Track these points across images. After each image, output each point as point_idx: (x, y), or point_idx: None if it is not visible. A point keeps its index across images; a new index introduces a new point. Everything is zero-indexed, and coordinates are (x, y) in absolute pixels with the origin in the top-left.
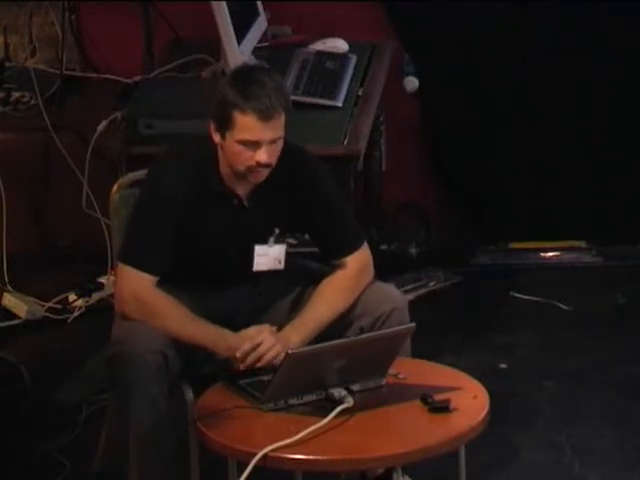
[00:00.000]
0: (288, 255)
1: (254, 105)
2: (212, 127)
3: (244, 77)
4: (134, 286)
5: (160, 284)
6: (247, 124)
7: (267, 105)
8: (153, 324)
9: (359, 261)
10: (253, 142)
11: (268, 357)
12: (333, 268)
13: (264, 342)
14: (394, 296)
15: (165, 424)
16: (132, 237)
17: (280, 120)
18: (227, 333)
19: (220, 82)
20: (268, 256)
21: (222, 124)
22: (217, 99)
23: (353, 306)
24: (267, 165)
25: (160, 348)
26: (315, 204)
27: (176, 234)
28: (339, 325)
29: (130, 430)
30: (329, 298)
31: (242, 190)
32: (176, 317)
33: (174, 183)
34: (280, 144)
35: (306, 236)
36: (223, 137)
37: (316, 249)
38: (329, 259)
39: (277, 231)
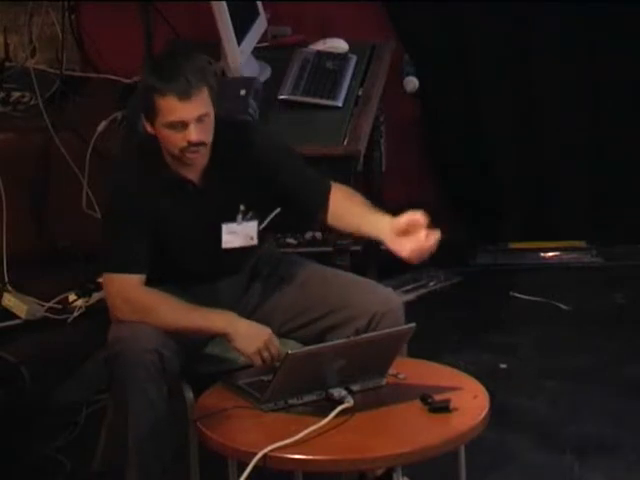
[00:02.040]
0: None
1: (171, 86)
2: (143, 119)
3: (161, 63)
4: (122, 290)
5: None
6: (168, 106)
7: (184, 84)
8: (149, 320)
9: (341, 190)
10: (179, 122)
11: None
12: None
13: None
14: (389, 297)
15: (163, 424)
16: (107, 244)
17: (202, 97)
18: (221, 312)
19: (142, 73)
20: (237, 234)
21: (148, 112)
22: (140, 90)
23: (348, 306)
24: (200, 143)
25: (156, 347)
26: (270, 169)
27: (146, 229)
28: (334, 324)
29: (128, 430)
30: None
31: (193, 174)
32: (169, 308)
33: (128, 180)
34: (209, 120)
35: (277, 210)
36: (153, 125)
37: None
38: (312, 214)
39: (242, 207)
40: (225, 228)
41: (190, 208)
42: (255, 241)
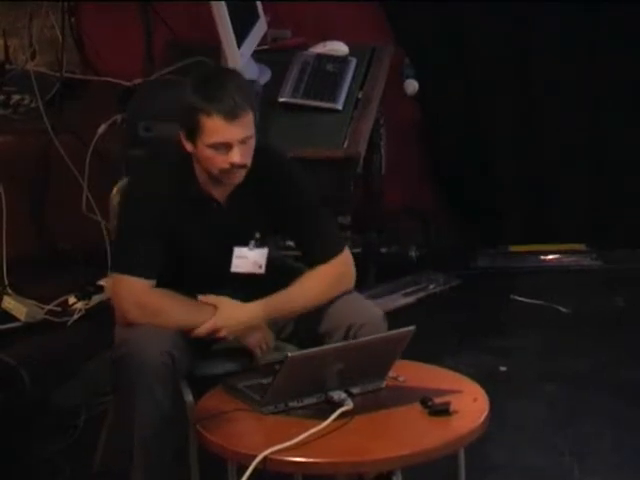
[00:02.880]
0: (282, 258)
1: (218, 107)
2: (182, 136)
3: (205, 81)
4: (133, 294)
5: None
6: (214, 126)
7: (231, 105)
8: (160, 322)
9: (341, 265)
10: (224, 144)
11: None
12: (314, 266)
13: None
14: (367, 310)
15: (168, 425)
16: (121, 245)
17: (247, 118)
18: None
19: (182, 90)
20: (247, 259)
21: (191, 131)
22: (182, 107)
23: (324, 320)
24: (242, 165)
25: (168, 349)
26: (292, 205)
27: (162, 236)
28: (314, 338)
29: (135, 431)
30: (304, 288)
31: (220, 194)
32: (180, 307)
33: (155, 186)
34: (252, 143)
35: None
36: (194, 144)
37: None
38: (311, 263)
39: (258, 235)
40: (237, 251)
41: (209, 226)
42: (262, 270)
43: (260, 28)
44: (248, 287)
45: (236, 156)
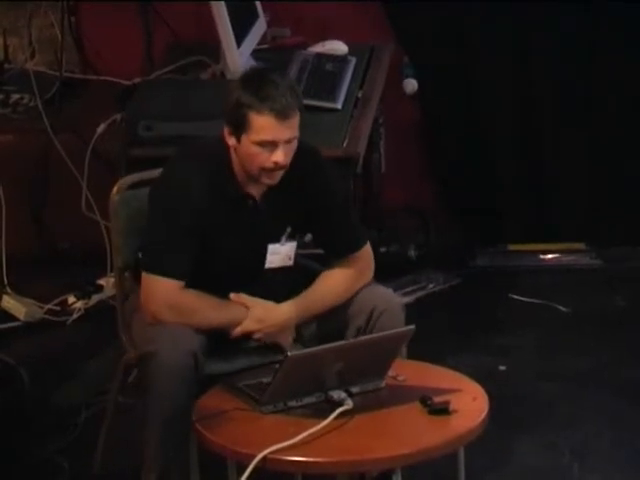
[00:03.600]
0: (298, 257)
1: (270, 105)
2: (226, 131)
3: (257, 79)
4: (165, 294)
5: None
6: (264, 124)
7: (283, 104)
8: (191, 323)
9: (362, 259)
10: (270, 142)
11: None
12: (336, 263)
13: (250, 312)
14: (389, 296)
15: (187, 425)
16: (154, 243)
17: (295, 119)
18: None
19: (231, 86)
20: (280, 254)
21: (237, 127)
22: (230, 103)
23: (349, 305)
24: (284, 166)
25: (194, 350)
26: (324, 204)
27: (195, 235)
28: (337, 324)
29: (152, 430)
30: (329, 284)
31: (256, 191)
32: (213, 308)
33: (190, 184)
34: (295, 144)
35: (308, 236)
36: (239, 140)
37: (315, 250)
38: (333, 258)
39: (289, 229)
40: (271, 249)
41: (244, 224)
42: (291, 262)
43: (259, 27)
44: (276, 282)
45: (280, 156)
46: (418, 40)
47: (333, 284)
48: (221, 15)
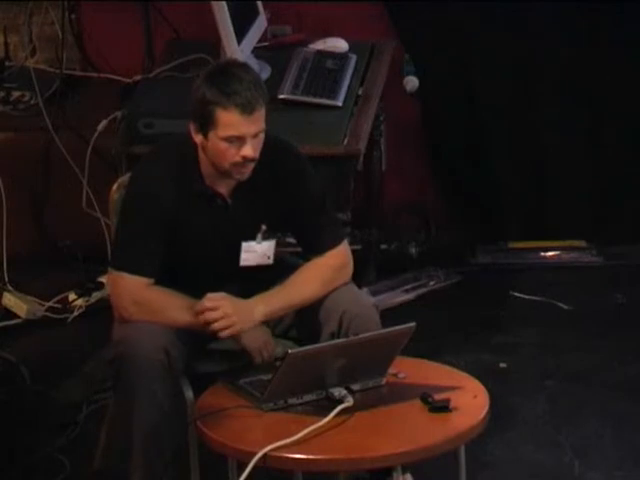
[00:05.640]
0: (280, 254)
1: (236, 100)
2: (193, 128)
3: (221, 74)
4: (131, 291)
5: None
6: (230, 120)
7: (248, 99)
8: (158, 320)
9: (338, 257)
10: (238, 137)
11: (216, 326)
12: (312, 259)
13: (221, 308)
14: (359, 299)
15: (167, 422)
16: (121, 242)
17: (261, 113)
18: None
19: (195, 82)
20: (256, 252)
21: (204, 123)
22: (195, 99)
23: (318, 310)
24: (253, 159)
25: (164, 346)
26: (298, 200)
27: (163, 234)
28: (308, 329)
29: (133, 430)
30: (302, 281)
31: (224, 188)
32: (179, 306)
33: (157, 184)
34: (262, 137)
35: (288, 234)
36: (206, 137)
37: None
38: (309, 254)
39: (264, 227)
40: (245, 246)
41: (214, 223)
42: (271, 260)
43: (260, 25)
44: (253, 280)
45: (249, 150)
46: (419, 38)
47: (306, 280)
48: (221, 13)
